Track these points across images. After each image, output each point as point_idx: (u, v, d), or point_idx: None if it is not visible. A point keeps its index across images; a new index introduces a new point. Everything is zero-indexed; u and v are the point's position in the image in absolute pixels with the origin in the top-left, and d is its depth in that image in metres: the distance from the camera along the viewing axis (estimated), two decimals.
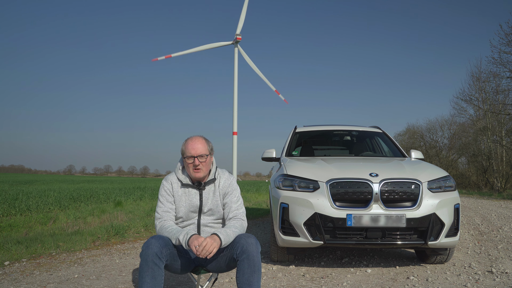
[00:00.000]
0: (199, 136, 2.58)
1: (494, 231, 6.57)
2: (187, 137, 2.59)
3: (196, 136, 2.58)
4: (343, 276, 3.74)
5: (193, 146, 2.50)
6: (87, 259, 4.48)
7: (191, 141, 2.53)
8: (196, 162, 2.48)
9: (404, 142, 35.75)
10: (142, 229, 6.48)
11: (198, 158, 2.48)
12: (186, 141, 2.55)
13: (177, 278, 3.68)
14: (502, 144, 25.10)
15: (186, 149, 2.51)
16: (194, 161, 2.48)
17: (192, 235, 2.27)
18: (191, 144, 2.51)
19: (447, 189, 3.91)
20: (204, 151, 2.51)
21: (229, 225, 2.44)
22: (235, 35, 25.39)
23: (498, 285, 3.38)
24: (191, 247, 2.22)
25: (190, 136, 2.58)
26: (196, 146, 2.50)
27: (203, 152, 2.50)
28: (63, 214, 7.83)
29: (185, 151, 2.51)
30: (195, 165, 2.48)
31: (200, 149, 2.50)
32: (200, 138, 2.57)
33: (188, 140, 2.55)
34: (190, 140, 2.54)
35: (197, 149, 2.49)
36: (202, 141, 2.54)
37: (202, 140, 2.55)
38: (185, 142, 2.55)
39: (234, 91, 25.49)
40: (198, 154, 2.48)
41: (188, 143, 2.53)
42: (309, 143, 6.01)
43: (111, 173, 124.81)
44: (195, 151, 2.49)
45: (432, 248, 3.85)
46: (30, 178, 38.08)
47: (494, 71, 21.49)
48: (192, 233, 2.30)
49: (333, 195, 3.72)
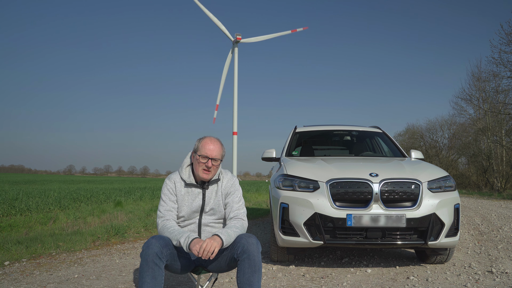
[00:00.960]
0: (217, 139, 2.55)
1: (494, 231, 6.57)
2: (205, 136, 2.55)
3: (215, 138, 2.55)
4: (343, 276, 3.75)
5: (211, 147, 2.48)
6: (87, 259, 4.48)
7: (210, 141, 2.50)
8: (209, 164, 2.46)
9: (404, 142, 35.76)
10: (142, 229, 6.48)
11: (212, 160, 2.47)
12: (205, 139, 2.52)
13: (177, 278, 3.68)
14: (502, 144, 25.10)
15: (203, 147, 2.48)
16: (207, 162, 2.46)
17: (193, 239, 2.25)
18: (210, 145, 2.48)
19: (447, 189, 3.91)
20: (219, 155, 2.50)
21: (229, 225, 2.44)
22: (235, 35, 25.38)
23: (498, 285, 3.38)
24: (193, 251, 2.20)
25: (208, 136, 2.55)
26: (214, 148, 2.48)
27: (218, 156, 2.49)
28: (63, 214, 7.83)
29: (201, 149, 2.48)
30: (207, 166, 2.46)
31: (216, 152, 2.48)
32: (219, 141, 2.55)
33: (207, 139, 2.52)
34: (210, 140, 2.51)
35: (214, 151, 2.47)
36: (219, 145, 2.53)
37: (220, 144, 2.54)
38: (203, 140, 2.52)
39: (234, 91, 25.46)
40: (213, 156, 2.47)
41: (207, 142, 2.49)
42: (309, 143, 6.01)
43: (111, 173, 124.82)
44: (211, 153, 2.47)
45: (432, 248, 3.85)
46: (30, 178, 38.08)
47: (494, 71, 21.50)
48: (194, 236, 2.28)
49: (333, 195, 3.72)
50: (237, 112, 25.47)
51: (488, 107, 25.60)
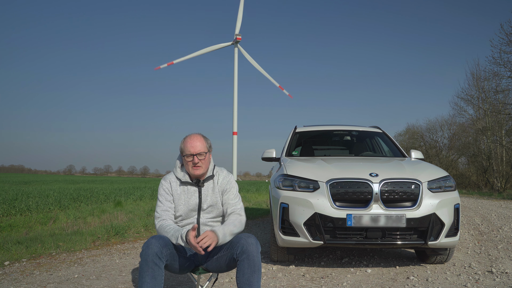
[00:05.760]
0: (197, 134, 2.58)
1: (494, 231, 6.57)
2: (185, 136, 2.59)
3: (194, 134, 2.58)
4: (343, 276, 3.75)
5: (192, 144, 2.50)
6: (87, 259, 4.48)
7: (190, 139, 2.53)
8: (195, 160, 2.49)
9: (404, 142, 35.75)
10: (142, 229, 6.48)
11: (197, 156, 2.49)
12: (185, 139, 2.55)
13: (177, 278, 3.68)
14: (502, 144, 25.10)
15: (185, 147, 2.52)
16: (193, 159, 2.49)
17: (189, 230, 2.27)
18: (190, 142, 2.51)
19: (447, 189, 3.91)
20: (203, 149, 2.52)
21: (227, 222, 2.46)
22: (234, 35, 25.38)
23: (498, 285, 3.38)
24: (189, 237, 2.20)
25: (188, 134, 2.59)
26: (194, 144, 2.50)
27: (202, 149, 2.51)
28: (63, 214, 7.83)
29: (184, 149, 2.52)
30: (194, 162, 2.49)
31: (199, 147, 2.50)
32: (198, 135, 2.57)
33: (187, 138, 2.55)
34: (189, 138, 2.54)
35: (196, 147, 2.50)
36: (200, 139, 2.55)
37: (200, 137, 2.56)
38: (183, 140, 2.55)
39: (234, 91, 25.49)
40: (197, 152, 2.49)
41: (187, 141, 2.53)
42: (309, 143, 6.01)
43: (111, 173, 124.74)
44: (194, 149, 2.49)
45: (432, 248, 3.85)
46: (30, 178, 38.07)
47: (494, 71, 21.49)
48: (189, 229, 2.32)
49: (333, 195, 3.72)
50: (237, 112, 25.49)
51: (488, 107, 25.59)
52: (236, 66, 25.67)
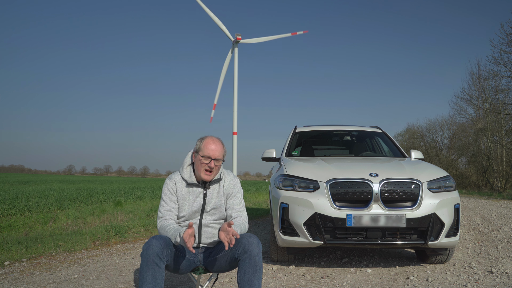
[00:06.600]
0: (219, 139, 2.53)
1: (494, 231, 6.57)
2: (206, 135, 2.52)
3: (216, 138, 2.53)
4: (343, 276, 3.75)
5: (213, 147, 2.46)
6: (87, 259, 4.48)
7: (212, 141, 2.48)
8: (212, 165, 2.44)
9: (404, 142, 35.74)
10: (142, 229, 6.48)
11: (215, 161, 2.45)
12: (207, 139, 2.49)
13: (177, 278, 3.68)
14: (502, 144, 25.09)
15: (205, 148, 2.46)
16: (210, 163, 2.44)
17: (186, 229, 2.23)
18: (212, 145, 2.46)
19: (447, 189, 3.91)
20: (221, 156, 2.48)
21: (236, 224, 2.42)
22: (235, 35, 25.36)
23: (498, 285, 3.38)
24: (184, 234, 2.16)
25: (209, 136, 2.53)
26: (216, 148, 2.46)
27: (220, 156, 2.48)
28: (63, 214, 7.83)
29: (204, 149, 2.46)
30: (210, 167, 2.45)
31: (219, 152, 2.47)
32: (220, 141, 2.52)
33: (209, 139, 2.49)
34: (211, 140, 2.49)
35: (216, 152, 2.46)
36: (221, 145, 2.51)
37: (222, 144, 2.52)
38: (204, 140, 2.49)
39: (234, 91, 25.44)
40: (216, 157, 2.45)
41: (209, 142, 2.47)
42: (309, 143, 6.01)
43: (111, 173, 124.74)
44: (214, 153, 2.45)
45: (432, 248, 3.85)
46: (30, 178, 38.06)
47: (494, 71, 21.49)
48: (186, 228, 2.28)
49: (333, 195, 3.72)
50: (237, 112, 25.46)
51: (488, 107, 25.58)
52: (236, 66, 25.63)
